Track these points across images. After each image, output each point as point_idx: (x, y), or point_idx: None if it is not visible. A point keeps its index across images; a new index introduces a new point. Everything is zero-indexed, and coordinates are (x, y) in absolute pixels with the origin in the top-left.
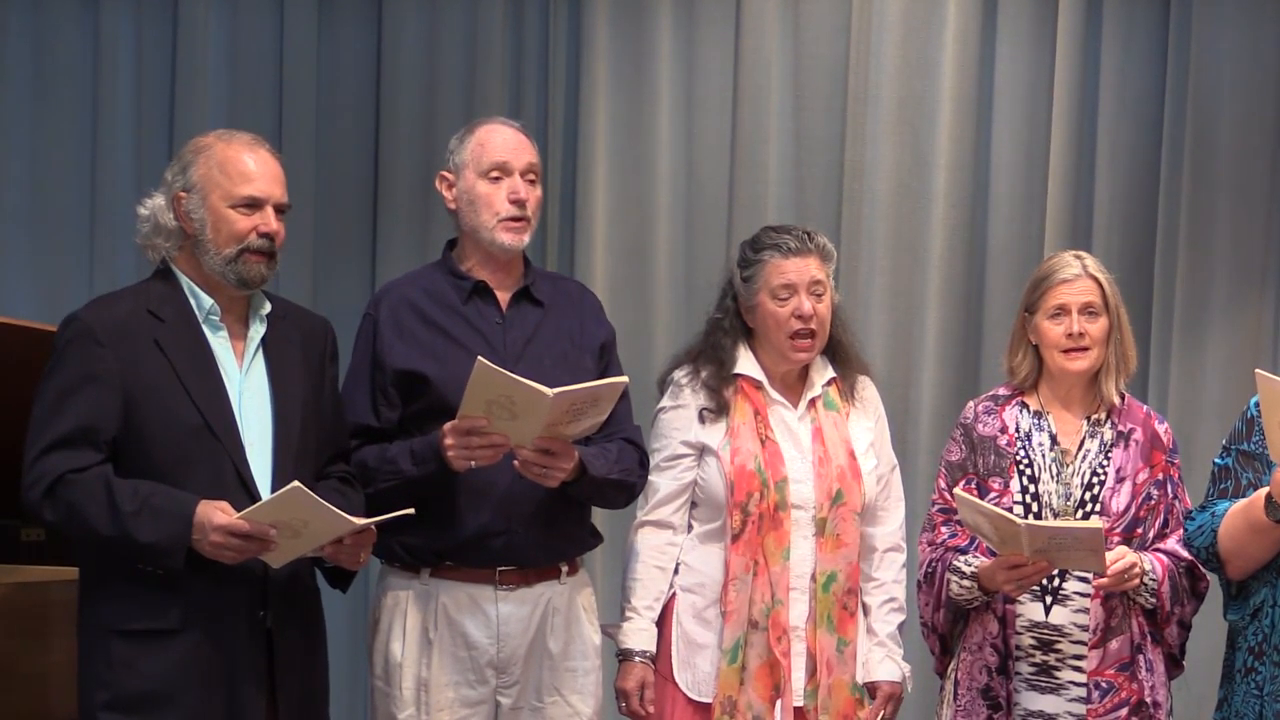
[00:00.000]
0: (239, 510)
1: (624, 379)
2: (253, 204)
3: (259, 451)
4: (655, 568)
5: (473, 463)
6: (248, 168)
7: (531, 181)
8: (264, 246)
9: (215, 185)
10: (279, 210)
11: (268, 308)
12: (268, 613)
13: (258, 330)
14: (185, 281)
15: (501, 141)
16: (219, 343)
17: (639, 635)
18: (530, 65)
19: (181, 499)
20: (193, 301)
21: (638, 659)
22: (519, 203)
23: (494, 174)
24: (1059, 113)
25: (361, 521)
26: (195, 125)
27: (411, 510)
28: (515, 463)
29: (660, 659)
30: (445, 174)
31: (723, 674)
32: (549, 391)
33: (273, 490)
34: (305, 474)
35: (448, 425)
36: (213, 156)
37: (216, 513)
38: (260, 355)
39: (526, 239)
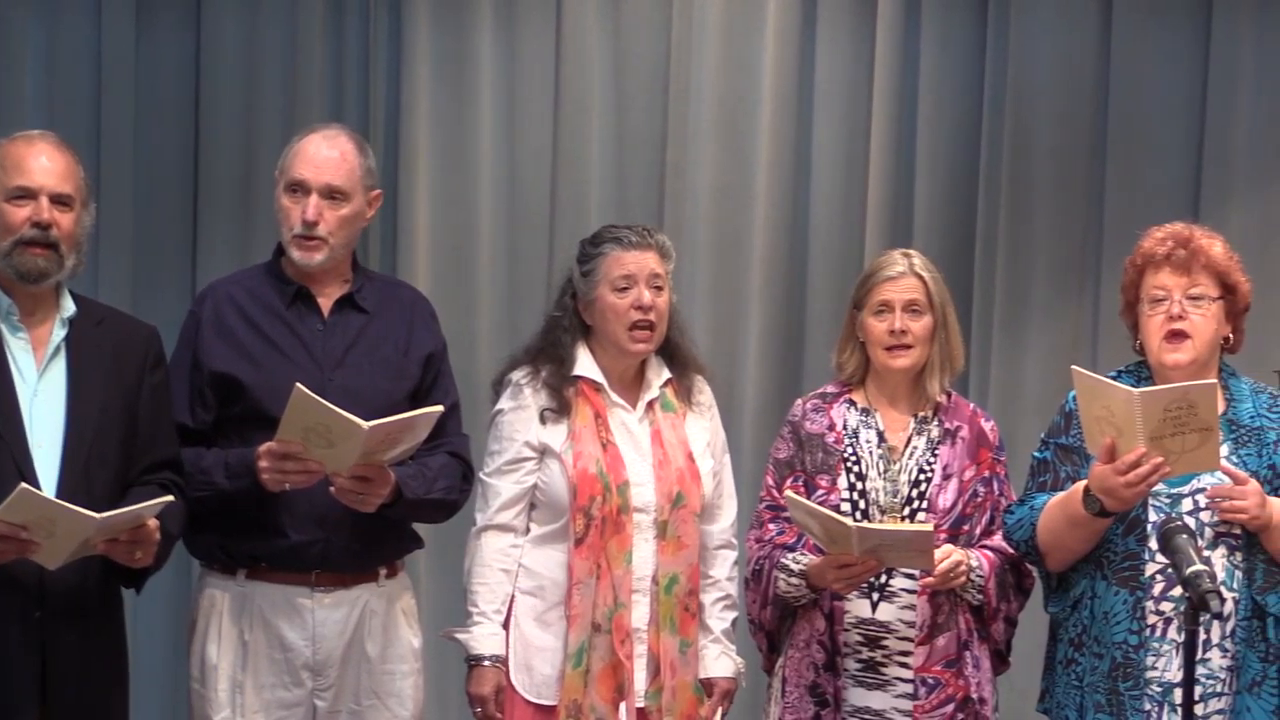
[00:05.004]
0: None
1: (439, 408)
2: (24, 194)
3: (48, 454)
4: (500, 571)
5: (287, 485)
6: (21, 160)
7: (334, 198)
8: (36, 236)
9: None
10: (60, 202)
11: (71, 310)
12: (44, 614)
13: (58, 333)
14: None
15: (309, 156)
16: (18, 343)
17: (489, 640)
18: (351, 67)
19: None
20: None
21: (488, 663)
22: (308, 224)
23: (292, 188)
24: (879, 111)
25: (99, 516)
26: (13, 128)
27: (171, 498)
28: (331, 489)
29: None
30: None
31: (567, 678)
32: (364, 424)
33: (57, 494)
34: (102, 480)
35: (263, 447)
36: None
37: None
38: (61, 359)
39: (319, 257)
